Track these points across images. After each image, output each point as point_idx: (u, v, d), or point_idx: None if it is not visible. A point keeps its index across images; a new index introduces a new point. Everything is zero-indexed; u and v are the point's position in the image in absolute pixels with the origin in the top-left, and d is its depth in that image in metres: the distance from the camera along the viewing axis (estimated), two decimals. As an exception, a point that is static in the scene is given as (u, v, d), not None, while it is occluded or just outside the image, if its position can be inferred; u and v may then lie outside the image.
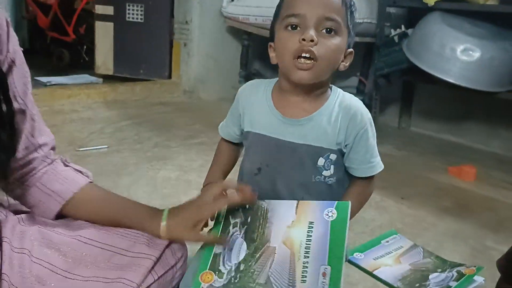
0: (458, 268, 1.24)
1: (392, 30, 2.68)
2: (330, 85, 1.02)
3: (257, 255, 0.88)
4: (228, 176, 1.12)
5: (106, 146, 2.25)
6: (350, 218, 0.90)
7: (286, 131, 0.98)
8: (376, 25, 2.67)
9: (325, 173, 0.99)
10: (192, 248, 1.11)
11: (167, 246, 0.96)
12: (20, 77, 0.83)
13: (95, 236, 0.90)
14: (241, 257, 0.88)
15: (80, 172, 0.94)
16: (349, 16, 0.94)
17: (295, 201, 0.92)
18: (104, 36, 3.46)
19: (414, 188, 2.03)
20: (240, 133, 1.07)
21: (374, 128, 1.00)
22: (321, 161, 0.98)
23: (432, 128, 2.95)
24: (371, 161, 1.00)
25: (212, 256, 0.90)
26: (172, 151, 2.26)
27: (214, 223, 0.96)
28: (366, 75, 3.01)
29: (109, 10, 3.40)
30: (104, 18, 3.43)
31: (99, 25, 3.47)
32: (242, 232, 0.92)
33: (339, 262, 0.82)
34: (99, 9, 3.44)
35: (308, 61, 0.91)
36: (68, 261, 0.86)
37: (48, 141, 0.90)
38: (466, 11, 2.35)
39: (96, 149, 2.21)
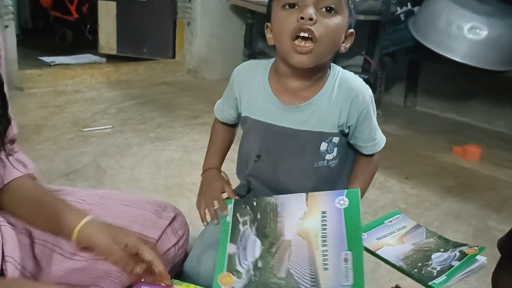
0: (461, 248, 1.24)
1: (398, 8, 2.64)
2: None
3: (273, 250, 0.88)
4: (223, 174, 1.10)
5: (110, 126, 2.25)
6: (362, 197, 0.91)
7: (285, 118, 0.95)
8: (382, 2, 2.63)
9: (328, 156, 0.98)
10: (196, 228, 1.12)
11: (168, 225, 0.97)
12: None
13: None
14: (257, 254, 0.88)
15: (25, 165, 0.90)
16: None
17: (304, 194, 0.92)
18: (107, 15, 3.43)
19: (418, 168, 2.03)
20: (237, 116, 1.05)
21: (374, 105, 0.99)
22: (323, 146, 0.97)
23: (438, 107, 2.93)
24: (375, 138, 1.00)
25: (226, 257, 0.89)
26: (176, 132, 2.26)
27: (222, 224, 0.94)
28: (371, 53, 2.98)
29: (111, -12, 3.36)
30: (107, -4, 3.39)
31: (102, 4, 3.43)
32: (254, 229, 0.91)
33: (358, 246, 0.84)
34: (102, -13, 3.40)
35: (308, 44, 0.87)
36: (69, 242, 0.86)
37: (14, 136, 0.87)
38: (473, -12, 2.31)
39: (100, 129, 2.21)
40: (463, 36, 2.21)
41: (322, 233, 0.86)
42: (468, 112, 2.81)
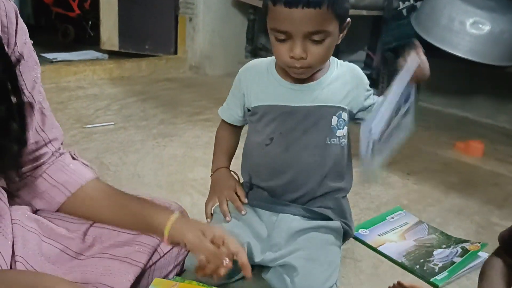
0: (463, 245, 1.25)
1: (401, 3, 2.64)
2: None
3: None
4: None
5: (112, 123, 2.25)
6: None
7: (297, 97, 1.01)
8: (384, -3, 2.62)
9: (339, 132, 1.03)
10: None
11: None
12: (29, 71, 0.81)
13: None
14: None
15: (88, 166, 0.93)
16: (338, 8, 0.91)
17: None
18: (108, 11, 3.43)
19: (420, 163, 2.02)
20: (243, 115, 1.08)
21: None
22: (334, 120, 1.02)
23: (440, 102, 2.92)
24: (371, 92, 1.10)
25: None
26: (178, 128, 2.26)
27: None
28: (373, 49, 2.98)
29: (113, -16, 3.36)
30: (109, -7, 3.39)
31: (103, 0, 3.43)
32: None
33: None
34: (104, -17, 3.40)
35: (301, 70, 0.95)
36: (75, 241, 0.87)
37: (58, 136, 0.89)
38: (476, -17, 2.30)
39: (102, 126, 2.21)
40: (466, 31, 2.21)
41: None
42: (471, 108, 2.80)
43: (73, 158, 0.91)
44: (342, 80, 1.02)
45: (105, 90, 2.83)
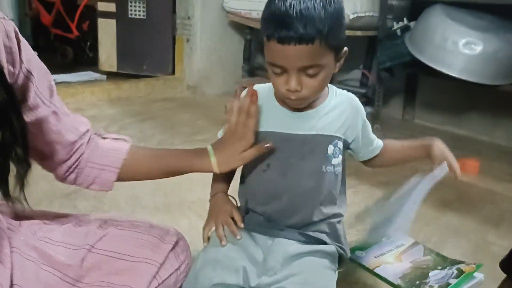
0: (458, 266, 1.25)
1: (395, 23, 2.68)
2: None
3: None
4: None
5: (110, 144, 2.27)
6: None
7: (294, 125, 1.02)
8: (378, 18, 2.66)
9: (334, 161, 1.04)
10: (196, 248, 1.13)
11: (171, 250, 0.98)
12: (42, 81, 0.84)
13: (99, 245, 0.92)
14: None
15: (119, 139, 1.02)
16: (332, 40, 0.91)
17: None
18: (106, 33, 3.47)
19: (416, 182, 2.03)
20: None
21: None
22: (330, 149, 1.03)
23: (436, 120, 2.95)
24: (374, 137, 1.13)
25: None
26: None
27: None
28: (369, 68, 3.02)
29: (111, 7, 3.40)
30: (107, 15, 3.44)
31: (101, 22, 3.47)
32: None
33: None
34: (101, 6, 3.44)
35: (297, 101, 0.97)
36: (74, 268, 0.88)
37: (88, 127, 0.97)
38: (469, 4, 2.34)
39: (100, 147, 2.23)
40: (459, 51, 2.24)
41: None
42: (467, 125, 2.83)
43: (103, 138, 0.99)
44: (339, 109, 1.04)
45: (104, 111, 2.86)
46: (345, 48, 0.98)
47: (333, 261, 1.04)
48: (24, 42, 0.81)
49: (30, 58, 0.82)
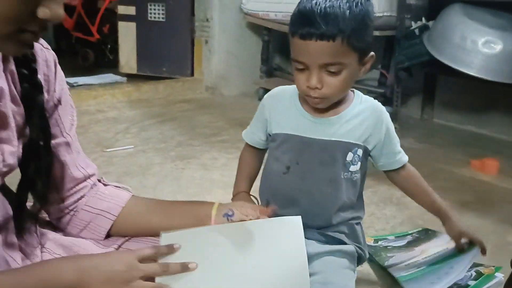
0: (477, 268, 1.26)
1: (413, 23, 2.67)
2: (352, 89, 1.06)
3: None
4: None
5: (131, 146, 2.32)
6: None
7: (316, 130, 1.03)
8: (396, 17, 2.66)
9: (352, 168, 1.04)
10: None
11: None
12: (66, 114, 0.86)
13: (126, 245, 0.94)
14: None
15: (120, 188, 0.97)
16: (355, 41, 0.92)
17: None
18: (126, 35, 3.53)
19: (435, 182, 2.00)
20: (266, 138, 1.12)
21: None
22: (349, 156, 1.03)
23: (455, 119, 2.93)
24: (400, 150, 1.10)
25: None
26: (196, 150, 2.31)
27: None
28: (387, 68, 3.01)
29: (131, 10, 3.46)
30: (127, 18, 3.50)
31: (121, 25, 3.54)
32: None
33: None
34: (121, 9, 3.51)
35: (318, 100, 0.97)
36: None
37: (95, 171, 0.93)
38: (488, 2, 2.33)
39: (122, 149, 2.28)
40: (478, 50, 2.23)
41: None
42: (486, 124, 2.81)
43: (105, 185, 0.95)
44: (362, 116, 1.03)
45: (124, 113, 2.91)
46: (372, 53, 0.98)
47: (352, 260, 1.06)
48: (60, 72, 0.85)
49: (62, 88, 0.85)
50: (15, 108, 0.76)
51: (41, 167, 0.79)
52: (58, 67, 0.85)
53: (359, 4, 0.92)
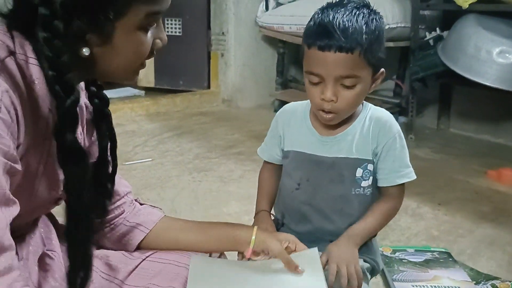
0: (493, 282, 1.26)
1: (427, 33, 2.68)
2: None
3: None
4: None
5: (150, 159, 2.36)
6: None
7: (324, 148, 1.04)
8: (410, 28, 2.67)
9: (363, 183, 1.04)
10: (233, 257, 1.18)
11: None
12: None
13: (152, 256, 0.98)
14: None
15: (155, 207, 1.03)
16: (371, 55, 0.94)
17: None
18: (145, 50, 3.60)
19: (451, 193, 2.04)
20: (281, 154, 1.13)
21: (403, 141, 1.05)
22: (359, 172, 1.04)
23: (471, 129, 2.92)
24: (400, 170, 1.03)
25: None
26: (213, 162, 2.35)
27: None
28: (402, 78, 3.02)
29: (149, 25, 3.53)
30: (145, 33, 3.57)
31: (140, 40, 3.61)
32: None
33: None
34: (140, 24, 3.58)
35: (330, 115, 0.98)
36: (122, 273, 0.94)
37: (130, 189, 1.00)
38: (502, 12, 2.33)
39: (141, 162, 2.32)
40: (493, 61, 2.23)
41: None
42: (503, 133, 2.79)
43: (141, 204, 1.00)
44: (370, 130, 1.03)
45: (143, 126, 2.97)
46: (383, 69, 1.00)
47: (366, 273, 1.07)
48: None
49: None
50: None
51: (109, 171, 0.86)
52: None
53: (374, 20, 0.95)
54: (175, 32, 3.51)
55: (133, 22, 0.69)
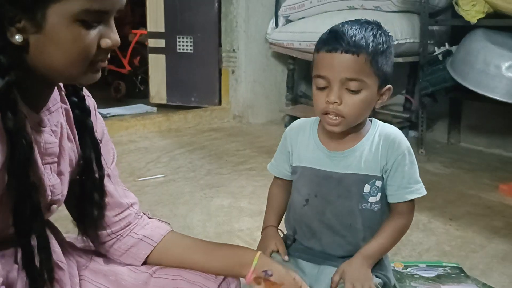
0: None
1: (436, 48, 2.70)
2: (370, 118, 1.09)
3: None
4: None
5: (162, 175, 2.39)
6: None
7: (332, 164, 1.06)
8: (419, 43, 2.69)
9: (371, 199, 1.06)
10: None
11: (223, 281, 1.05)
12: (108, 151, 0.96)
13: (160, 271, 0.99)
14: None
15: (164, 222, 1.04)
16: (377, 64, 0.98)
17: None
18: (156, 67, 3.67)
19: (462, 208, 2.03)
20: (291, 169, 1.16)
21: (413, 156, 1.06)
22: (366, 188, 1.05)
23: (482, 143, 2.92)
24: (409, 186, 1.05)
25: None
26: (224, 178, 2.37)
27: None
28: (412, 93, 3.03)
29: (160, 43, 3.60)
30: (156, 50, 3.64)
31: (152, 58, 3.67)
32: None
33: None
34: (152, 42, 3.65)
35: (335, 118, 1.00)
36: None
37: (136, 201, 1.01)
38: (510, 27, 2.35)
39: (153, 178, 2.35)
40: (502, 75, 2.24)
41: None
42: (515, 147, 2.79)
43: (149, 218, 1.02)
44: (379, 147, 1.05)
45: (155, 143, 3.01)
46: (389, 85, 1.03)
47: (377, 288, 1.09)
48: (100, 117, 0.96)
49: (103, 130, 0.95)
50: (68, 144, 0.85)
51: (96, 181, 0.88)
52: (97, 112, 0.94)
53: (383, 34, 1.00)
54: (187, 49, 3.57)
55: (67, 12, 0.67)
